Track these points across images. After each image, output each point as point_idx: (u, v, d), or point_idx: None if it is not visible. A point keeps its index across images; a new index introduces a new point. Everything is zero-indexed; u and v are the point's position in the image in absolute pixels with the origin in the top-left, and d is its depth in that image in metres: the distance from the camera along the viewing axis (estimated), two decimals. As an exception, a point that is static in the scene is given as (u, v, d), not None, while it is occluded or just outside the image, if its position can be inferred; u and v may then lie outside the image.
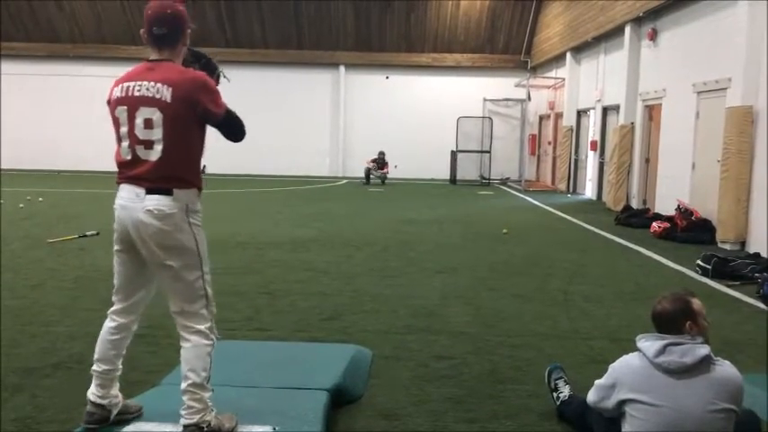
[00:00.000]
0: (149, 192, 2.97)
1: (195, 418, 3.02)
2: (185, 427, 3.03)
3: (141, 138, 2.98)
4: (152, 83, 2.95)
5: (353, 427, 3.57)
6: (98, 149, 22.70)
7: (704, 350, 2.83)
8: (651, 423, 2.81)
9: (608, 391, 3.00)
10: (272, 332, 5.22)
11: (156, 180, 2.98)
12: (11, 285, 6.47)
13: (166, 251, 3.01)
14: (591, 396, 3.14)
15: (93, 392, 3.19)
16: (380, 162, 20.98)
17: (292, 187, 19.09)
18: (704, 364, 2.81)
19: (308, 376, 3.87)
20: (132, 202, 2.99)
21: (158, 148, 2.96)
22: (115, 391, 3.24)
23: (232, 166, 22.34)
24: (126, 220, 3.02)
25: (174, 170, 3.00)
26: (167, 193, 2.98)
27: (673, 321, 2.89)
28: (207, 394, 3.06)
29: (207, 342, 3.09)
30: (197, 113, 2.99)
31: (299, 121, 23.30)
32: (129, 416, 3.29)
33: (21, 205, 12.86)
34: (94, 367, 3.20)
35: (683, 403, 2.78)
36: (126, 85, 3.02)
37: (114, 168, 3.13)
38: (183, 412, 3.04)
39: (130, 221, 3.00)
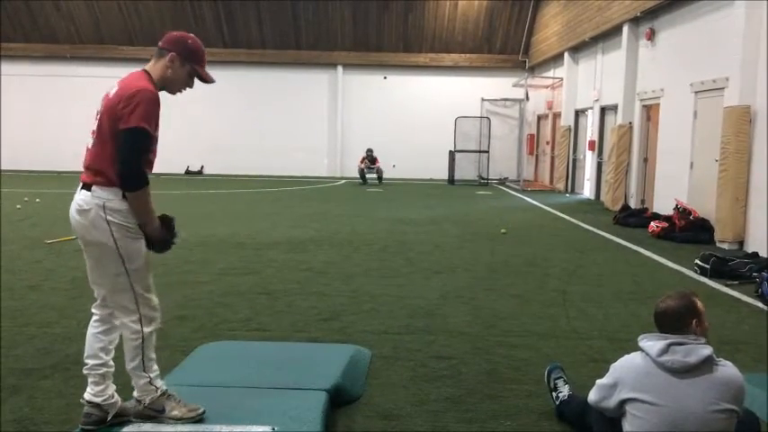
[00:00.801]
0: (82, 187, 3.15)
1: (137, 393, 3.26)
2: (135, 399, 3.29)
3: (92, 129, 3.22)
4: (116, 82, 3.22)
5: (352, 427, 3.56)
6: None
7: (707, 350, 2.82)
8: (652, 423, 2.80)
9: (609, 391, 2.99)
10: (271, 332, 5.22)
11: (86, 172, 3.15)
12: (9, 286, 6.46)
13: (87, 245, 3.19)
14: (592, 396, 3.13)
15: (88, 392, 3.25)
16: (371, 158, 20.95)
17: (290, 187, 19.08)
18: (707, 365, 2.80)
19: (307, 376, 3.86)
20: (75, 194, 3.19)
21: (91, 140, 3.18)
22: (111, 391, 3.28)
23: (230, 166, 22.37)
24: (72, 217, 3.22)
25: (96, 164, 3.12)
26: (88, 188, 3.11)
27: (679, 319, 2.87)
28: (141, 380, 3.22)
29: (133, 336, 3.19)
30: (116, 116, 3.06)
31: (296, 122, 23.30)
32: (125, 418, 3.30)
33: (18, 206, 12.85)
34: (85, 367, 3.27)
35: (686, 403, 2.77)
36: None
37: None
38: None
39: (72, 218, 3.20)
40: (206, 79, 3.37)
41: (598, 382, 3.12)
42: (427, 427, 3.57)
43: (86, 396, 3.24)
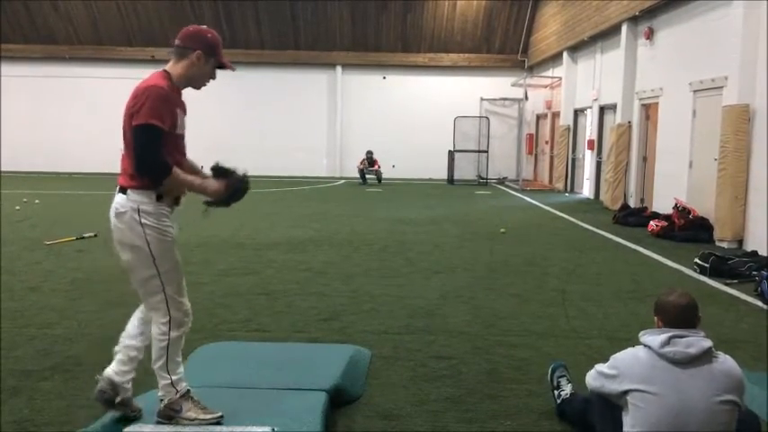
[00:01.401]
0: (119, 191, 3.20)
1: (160, 393, 3.28)
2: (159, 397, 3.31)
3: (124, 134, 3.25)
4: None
5: (352, 427, 3.56)
6: (96, 151, 22.75)
7: (708, 342, 2.87)
8: (655, 414, 2.81)
9: (609, 381, 3.01)
10: (271, 333, 5.22)
11: (121, 176, 3.21)
12: (8, 287, 6.46)
13: (122, 246, 3.23)
14: (592, 382, 3.15)
15: (111, 368, 3.32)
16: (370, 160, 20.97)
17: (290, 188, 19.08)
18: (707, 356, 2.85)
19: (307, 377, 3.87)
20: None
21: (123, 144, 3.19)
22: (130, 377, 3.33)
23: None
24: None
25: (129, 168, 3.16)
26: (123, 192, 3.16)
27: (690, 313, 2.93)
28: (164, 381, 3.24)
29: (160, 337, 3.23)
30: (130, 114, 3.11)
31: (296, 122, 23.29)
32: (128, 410, 3.34)
33: (17, 207, 12.84)
34: (118, 345, 3.36)
35: (688, 394, 2.79)
36: None
37: (113, 170, 3.16)
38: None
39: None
40: (229, 68, 3.44)
41: (598, 367, 3.13)
42: (427, 427, 3.57)
43: (108, 372, 3.30)
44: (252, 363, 4.21)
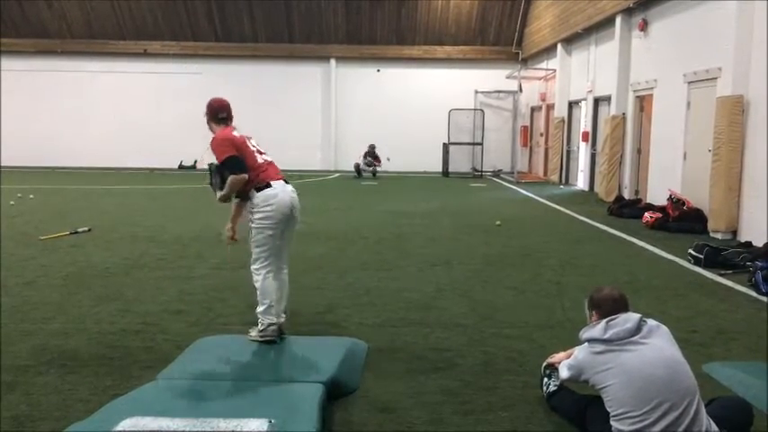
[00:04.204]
0: (286, 182, 4.80)
1: (282, 319, 4.75)
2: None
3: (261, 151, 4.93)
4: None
5: (349, 419, 3.57)
6: (89, 145, 22.69)
7: (636, 314, 3.17)
8: (624, 382, 3.00)
9: (580, 379, 3.27)
10: (267, 326, 5.21)
11: (279, 173, 4.85)
12: (3, 283, 6.43)
13: (294, 219, 4.77)
14: (564, 374, 3.38)
15: (275, 315, 4.57)
16: (373, 155, 20.97)
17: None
18: (642, 323, 3.14)
19: (304, 369, 3.88)
20: (289, 189, 4.75)
21: (266, 156, 4.92)
22: (282, 319, 4.67)
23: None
24: (290, 200, 4.67)
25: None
26: (287, 182, 4.80)
27: (623, 304, 3.29)
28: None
29: (286, 274, 4.87)
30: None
31: (290, 116, 23.23)
32: (283, 335, 4.64)
33: (11, 202, 12.79)
34: (272, 303, 4.55)
35: (643, 353, 3.03)
36: (239, 134, 4.80)
37: (106, 165, 3.15)
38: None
39: (292, 200, 4.69)
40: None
41: (566, 363, 3.36)
42: (424, 418, 3.58)
43: (275, 318, 4.55)
44: (249, 355, 4.22)
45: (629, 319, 3.14)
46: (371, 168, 20.88)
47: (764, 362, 4.40)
